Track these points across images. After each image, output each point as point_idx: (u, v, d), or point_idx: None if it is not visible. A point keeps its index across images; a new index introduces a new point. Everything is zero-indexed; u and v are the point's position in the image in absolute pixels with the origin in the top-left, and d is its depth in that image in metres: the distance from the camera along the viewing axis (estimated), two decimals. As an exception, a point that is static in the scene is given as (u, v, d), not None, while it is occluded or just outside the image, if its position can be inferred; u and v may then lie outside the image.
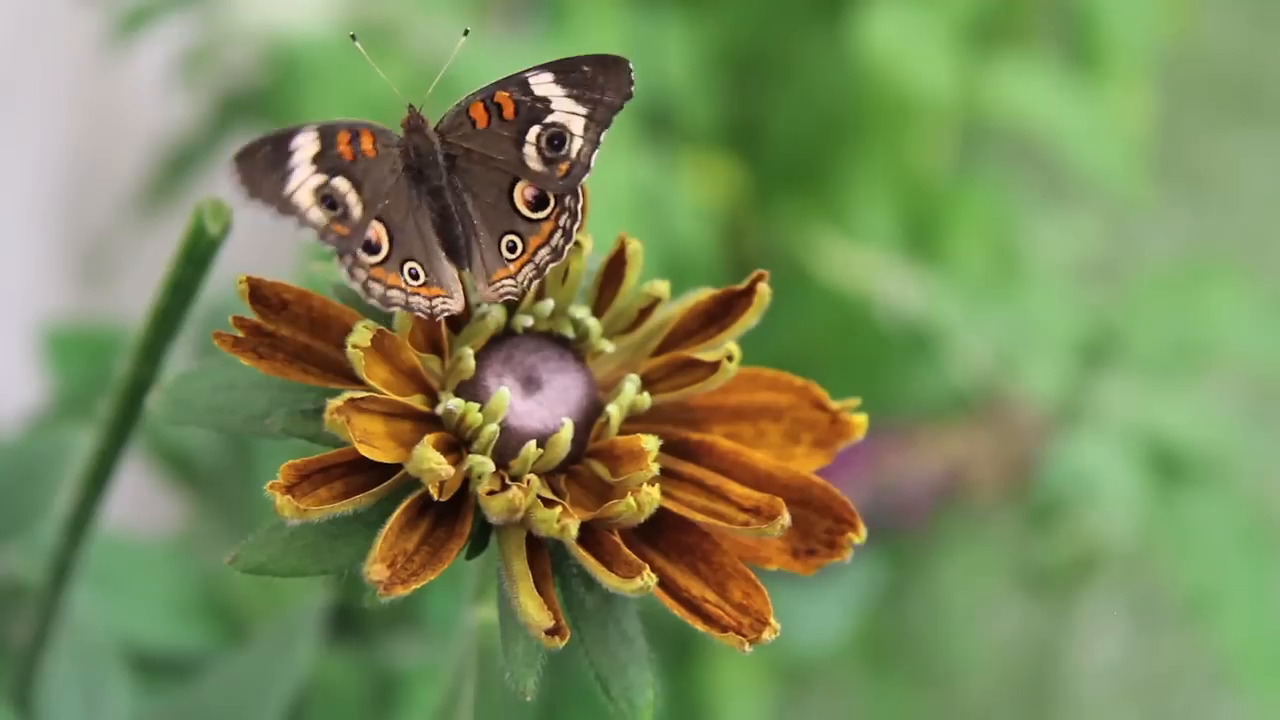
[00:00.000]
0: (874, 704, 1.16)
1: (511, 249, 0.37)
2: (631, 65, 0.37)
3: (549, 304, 0.38)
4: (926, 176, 1.07)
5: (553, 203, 0.37)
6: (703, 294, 0.38)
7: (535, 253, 0.37)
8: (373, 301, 0.36)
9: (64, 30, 0.93)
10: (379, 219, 0.37)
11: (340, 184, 0.37)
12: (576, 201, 0.37)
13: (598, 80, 0.37)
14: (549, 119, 0.37)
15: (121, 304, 0.94)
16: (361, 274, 0.36)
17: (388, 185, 0.37)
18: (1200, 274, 1.02)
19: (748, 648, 0.35)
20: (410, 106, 0.38)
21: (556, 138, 0.37)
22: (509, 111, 0.38)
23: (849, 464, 0.90)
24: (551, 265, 0.37)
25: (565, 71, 0.37)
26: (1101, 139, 1.08)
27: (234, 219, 0.40)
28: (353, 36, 0.42)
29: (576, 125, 0.37)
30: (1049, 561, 1.02)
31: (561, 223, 0.37)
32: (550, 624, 0.34)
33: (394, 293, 0.36)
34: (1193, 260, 1.30)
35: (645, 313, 0.38)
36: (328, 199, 0.37)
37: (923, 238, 1.06)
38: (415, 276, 0.37)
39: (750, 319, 0.38)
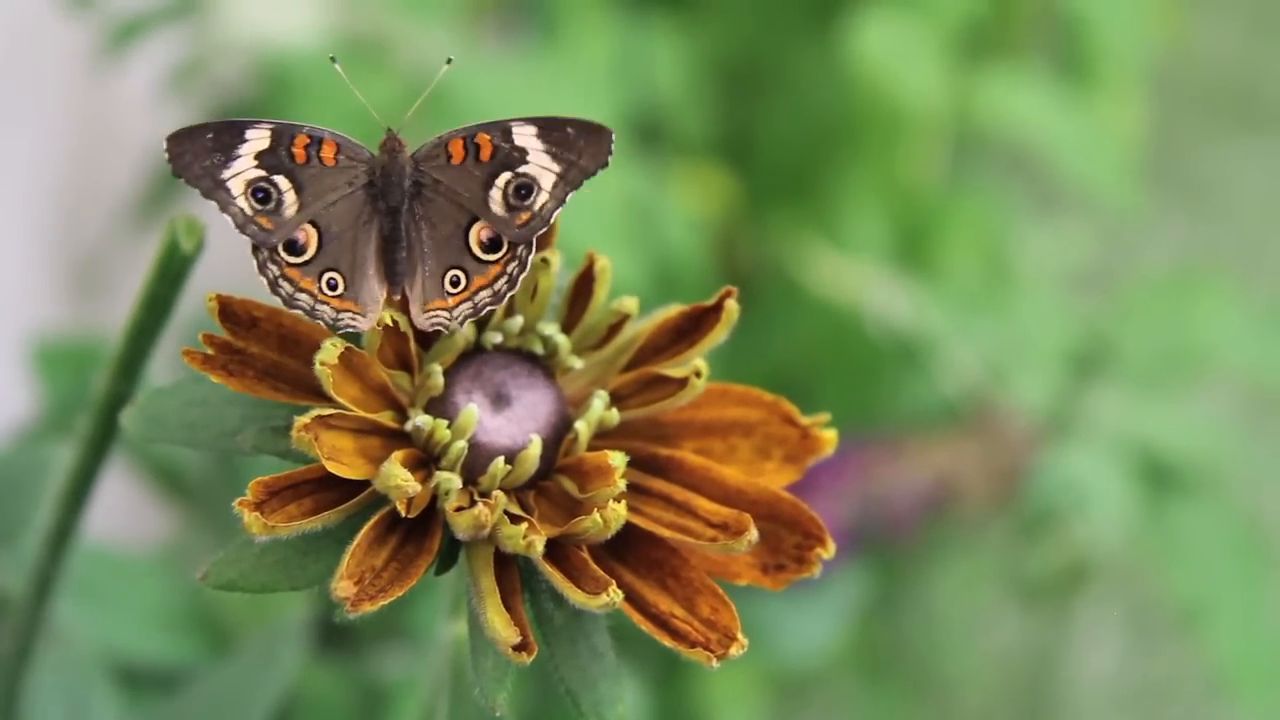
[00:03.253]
0: (870, 716, 1.16)
1: (455, 284, 0.38)
2: (614, 137, 0.38)
3: (518, 320, 0.38)
4: (918, 187, 1.07)
5: (505, 249, 0.38)
6: (671, 310, 0.38)
7: (476, 292, 0.38)
8: (276, 300, 0.37)
9: (56, 44, 0.93)
10: (314, 224, 0.38)
11: (281, 182, 0.38)
12: (529, 252, 0.38)
13: (578, 144, 0.38)
14: (522, 169, 0.38)
15: (114, 317, 0.94)
16: (274, 270, 0.37)
17: (338, 195, 0.38)
18: (1192, 283, 1.02)
19: (715, 663, 0.35)
20: (389, 131, 0.39)
21: (525, 188, 0.38)
22: (485, 154, 0.38)
23: (838, 475, 0.90)
24: (489, 308, 0.38)
25: (549, 128, 0.38)
26: (1094, 149, 1.08)
27: (208, 236, 0.40)
28: (332, 59, 0.43)
29: (547, 181, 0.38)
30: (1040, 572, 1.02)
31: (509, 269, 0.38)
32: (517, 640, 0.34)
33: (302, 296, 0.37)
34: (1185, 269, 1.30)
35: (614, 329, 0.38)
36: (260, 192, 0.38)
37: (914, 249, 1.06)
38: (333, 287, 0.38)
39: (719, 335, 0.38)
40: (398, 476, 0.35)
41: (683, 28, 1.07)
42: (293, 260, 0.38)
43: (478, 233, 0.38)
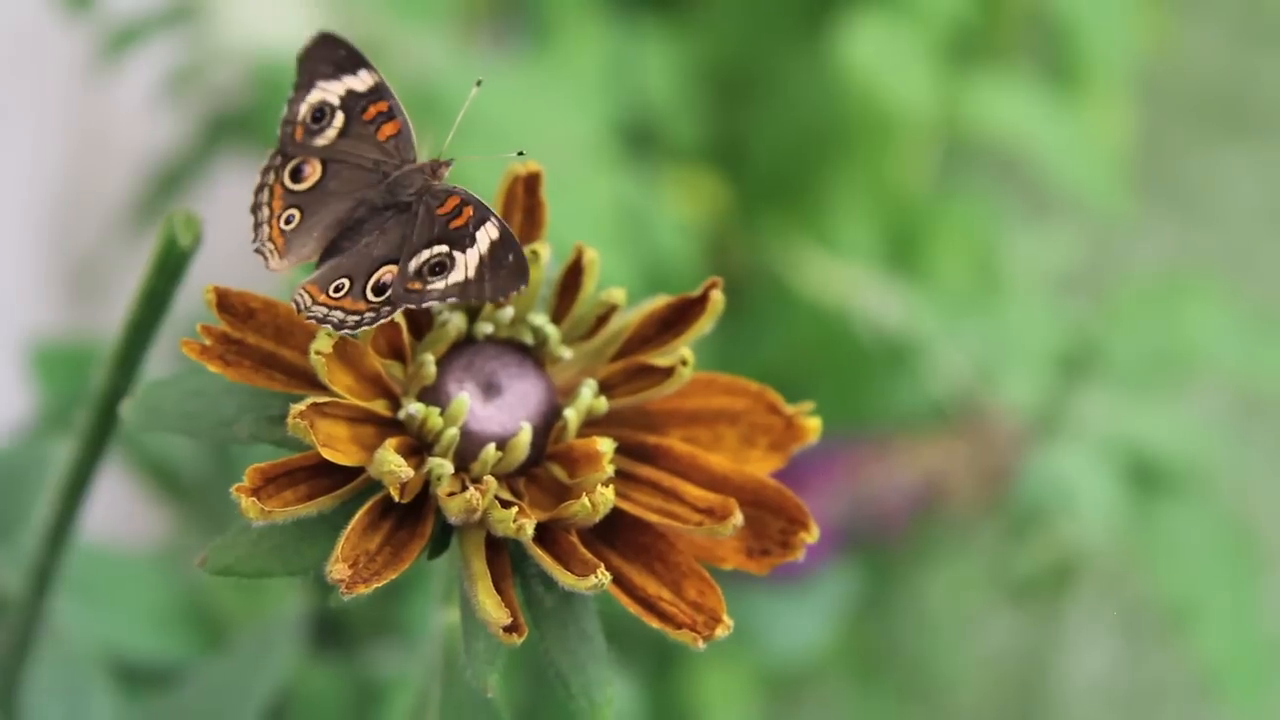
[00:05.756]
0: (861, 716, 1.16)
1: (336, 290, 0.37)
2: (524, 287, 0.37)
3: (509, 311, 0.39)
4: (908, 191, 1.08)
5: (382, 298, 0.37)
6: (658, 301, 0.39)
7: (336, 308, 0.37)
8: (252, 198, 0.39)
9: (53, 50, 0.94)
10: (324, 167, 0.39)
11: (339, 120, 0.39)
12: (387, 316, 0.37)
13: (500, 270, 0.37)
14: (456, 254, 0.37)
15: (110, 321, 0.94)
16: (270, 178, 0.39)
17: (359, 164, 0.39)
18: (1180, 287, 1.03)
19: (701, 644, 0.36)
20: (442, 160, 0.39)
21: (440, 268, 0.37)
22: (459, 221, 0.38)
23: (828, 475, 0.91)
24: (325, 326, 0.36)
25: (503, 244, 0.37)
26: (1082, 154, 1.08)
27: (204, 231, 0.41)
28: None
29: (455, 278, 0.37)
30: (1028, 572, 1.03)
31: (366, 315, 0.37)
32: (508, 621, 0.35)
33: (264, 210, 0.39)
34: (1173, 273, 1.31)
35: (603, 320, 0.39)
36: (319, 113, 0.39)
37: (904, 252, 1.07)
38: (288, 223, 0.39)
39: (704, 325, 0.39)
40: (391, 462, 0.35)
41: (674, 33, 1.08)
42: (287, 183, 0.39)
43: (384, 270, 0.37)
